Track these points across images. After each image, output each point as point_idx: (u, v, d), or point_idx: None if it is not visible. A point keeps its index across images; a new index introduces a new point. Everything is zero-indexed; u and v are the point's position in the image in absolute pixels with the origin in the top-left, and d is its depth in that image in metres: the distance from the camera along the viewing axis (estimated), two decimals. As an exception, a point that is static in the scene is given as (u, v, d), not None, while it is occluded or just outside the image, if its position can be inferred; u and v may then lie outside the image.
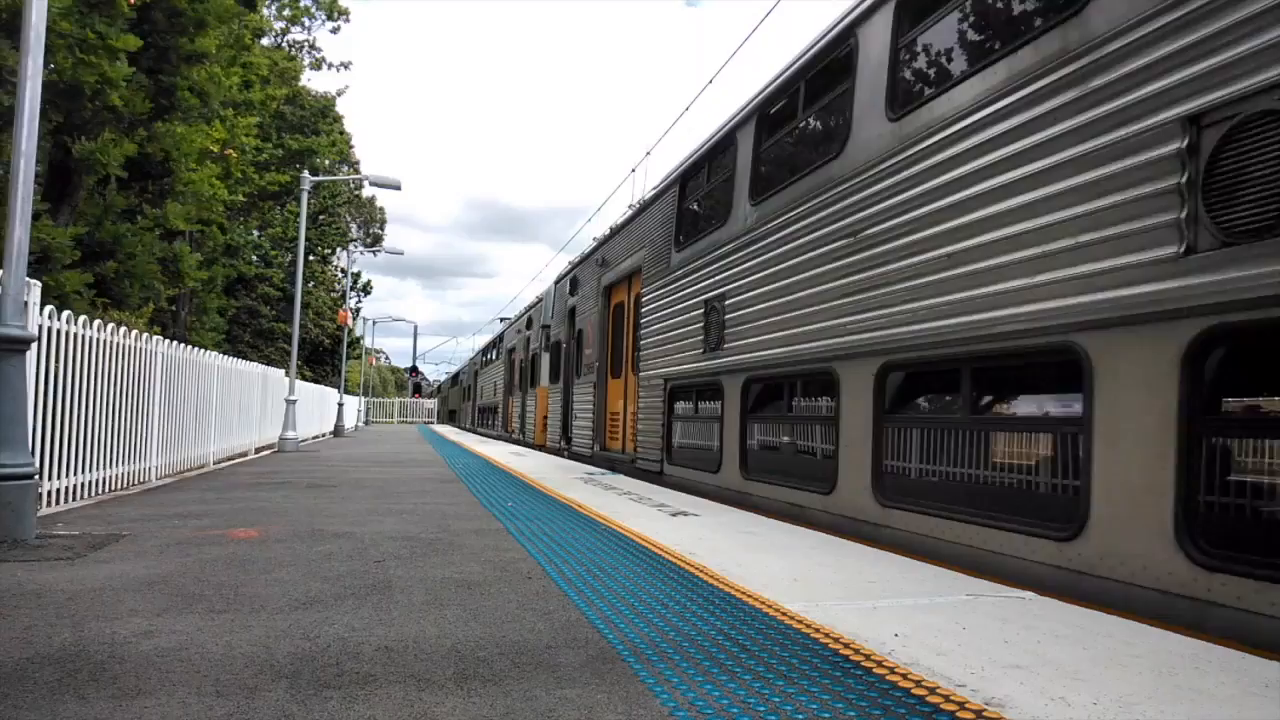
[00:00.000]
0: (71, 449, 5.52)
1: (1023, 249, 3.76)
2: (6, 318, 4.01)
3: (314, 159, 26.41)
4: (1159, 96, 3.18)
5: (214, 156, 15.57)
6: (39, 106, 4.25)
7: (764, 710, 1.89)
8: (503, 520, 5.06)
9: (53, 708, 1.83)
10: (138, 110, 11.32)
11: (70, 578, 3.16)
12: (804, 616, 2.74)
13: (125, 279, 12.33)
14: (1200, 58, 3.03)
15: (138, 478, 6.92)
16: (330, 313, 35.39)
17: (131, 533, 4.31)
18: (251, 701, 1.89)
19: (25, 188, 4.15)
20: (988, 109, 4.07)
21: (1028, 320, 3.69)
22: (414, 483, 7.66)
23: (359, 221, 43.03)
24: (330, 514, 5.24)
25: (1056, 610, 2.89)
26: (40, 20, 4.25)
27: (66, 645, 2.29)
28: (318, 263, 36.24)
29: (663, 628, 2.59)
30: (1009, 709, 1.90)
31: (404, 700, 1.93)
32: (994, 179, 3.97)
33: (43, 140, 7.56)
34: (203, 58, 12.90)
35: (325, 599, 2.89)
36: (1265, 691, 2.06)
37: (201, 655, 2.22)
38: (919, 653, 2.34)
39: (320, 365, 37.09)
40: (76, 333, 5.54)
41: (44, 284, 5.14)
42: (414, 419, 50.35)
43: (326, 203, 34.50)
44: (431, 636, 2.46)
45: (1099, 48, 3.45)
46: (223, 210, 17.66)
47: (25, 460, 4.06)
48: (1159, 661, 2.29)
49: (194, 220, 15.06)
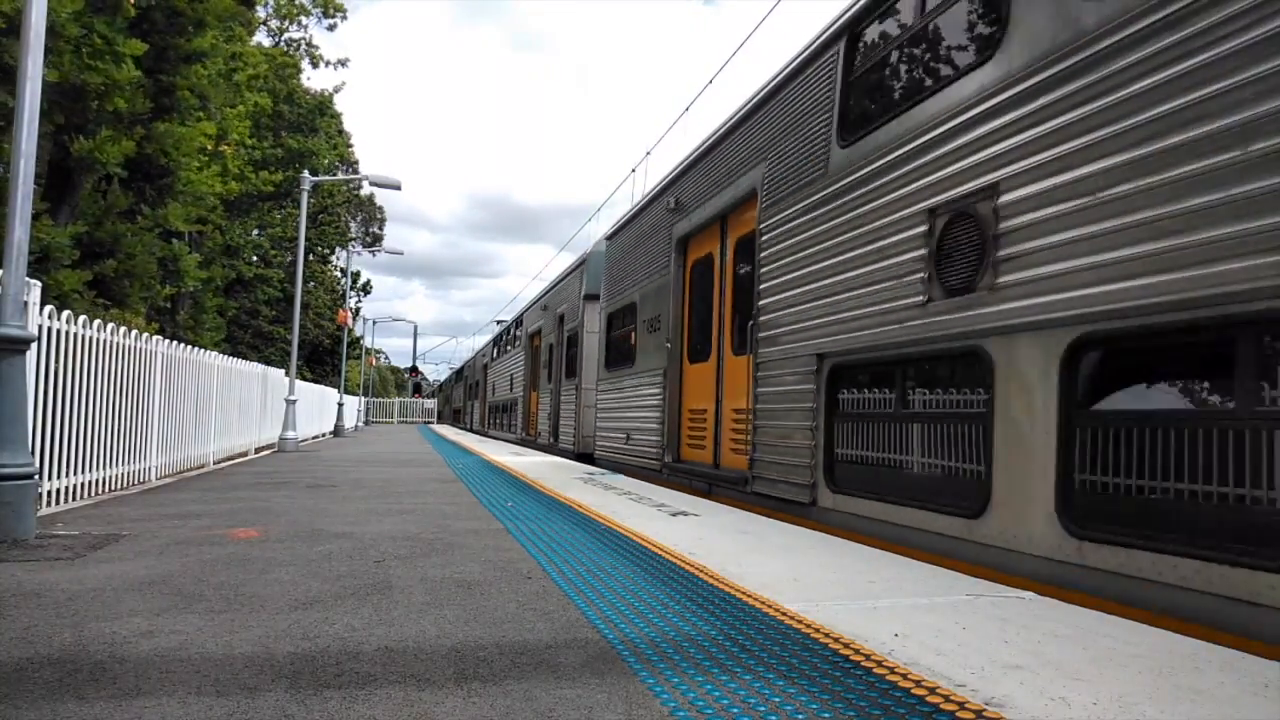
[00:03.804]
0: (71, 449, 5.51)
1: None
2: (6, 318, 4.01)
3: (313, 160, 26.42)
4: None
5: (209, 153, 15.57)
6: (39, 106, 4.26)
7: (764, 710, 1.89)
8: (502, 520, 5.06)
9: (53, 708, 1.83)
10: (137, 110, 11.32)
11: (70, 578, 3.16)
12: (804, 616, 2.74)
13: (125, 278, 12.33)
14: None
15: (137, 478, 6.92)
16: (330, 313, 35.39)
17: (131, 533, 4.31)
18: (251, 701, 1.89)
19: (25, 187, 4.14)
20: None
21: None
22: (414, 483, 7.66)
23: (358, 221, 43.02)
24: (330, 514, 5.24)
25: (1056, 610, 2.89)
26: (40, 20, 4.25)
27: (66, 645, 2.29)
28: (317, 263, 36.25)
29: (663, 627, 2.59)
30: (1009, 709, 1.91)
31: (404, 700, 1.93)
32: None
33: (43, 140, 7.56)
34: (202, 57, 12.90)
35: (325, 599, 2.89)
36: (1265, 691, 2.06)
37: (201, 655, 2.22)
38: (919, 652, 2.34)
39: (320, 365, 37.11)
40: (76, 332, 5.53)
41: (44, 283, 5.14)
42: (414, 419, 50.34)
43: (326, 202, 34.51)
44: (431, 636, 2.46)
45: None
46: (220, 209, 17.66)
47: (25, 460, 4.06)
48: (1159, 661, 2.29)
49: (193, 220, 15.06)
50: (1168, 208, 3.14)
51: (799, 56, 6.36)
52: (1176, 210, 3.11)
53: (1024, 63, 3.91)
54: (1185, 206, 3.08)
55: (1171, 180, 3.13)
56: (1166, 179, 3.15)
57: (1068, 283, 3.56)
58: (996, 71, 4.10)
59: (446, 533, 4.51)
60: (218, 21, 13.13)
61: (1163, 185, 3.16)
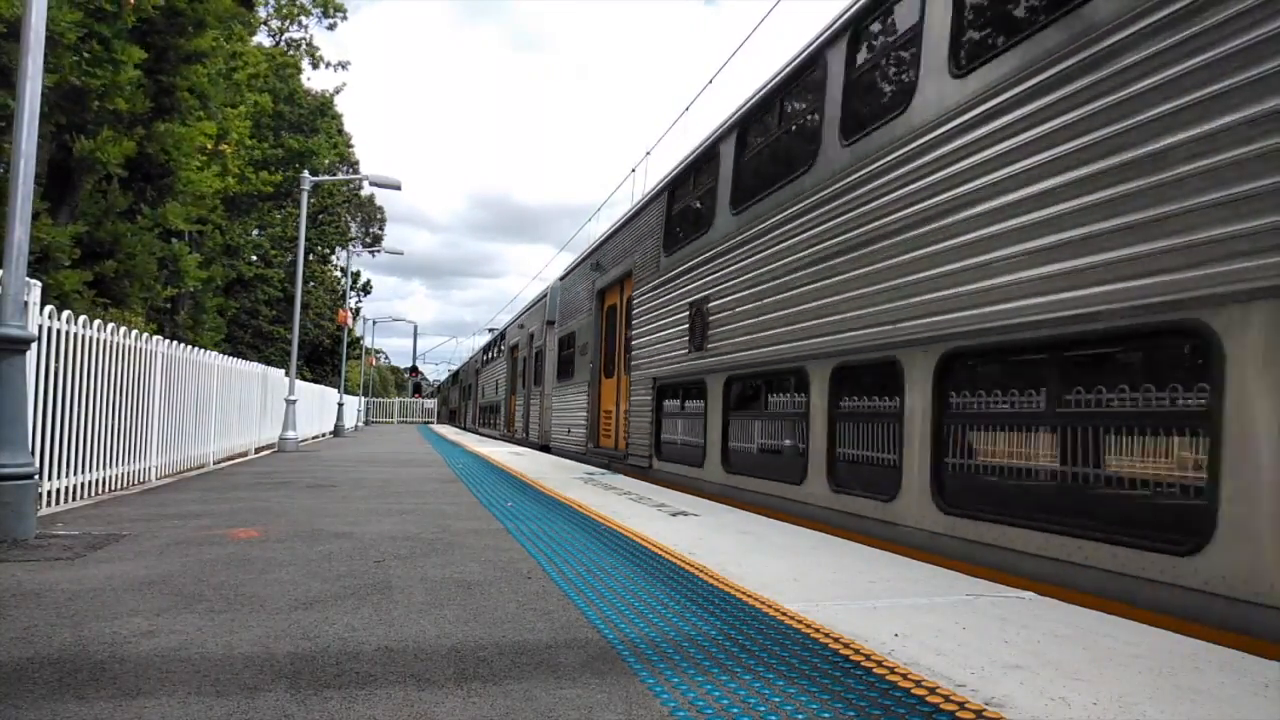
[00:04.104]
0: (71, 449, 5.51)
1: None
2: (6, 318, 4.01)
3: (314, 159, 26.43)
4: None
5: (209, 153, 15.57)
6: (39, 106, 4.26)
7: (764, 710, 1.90)
8: (502, 520, 5.06)
9: (53, 708, 1.84)
10: (137, 110, 11.32)
11: (70, 578, 3.16)
12: (804, 616, 2.74)
13: (125, 278, 12.33)
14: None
15: (137, 478, 6.92)
16: (330, 313, 35.39)
17: (131, 533, 4.31)
18: (251, 701, 1.89)
19: (25, 187, 4.15)
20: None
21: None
22: (414, 483, 7.66)
23: (358, 221, 43.02)
24: (330, 514, 5.25)
25: (1056, 610, 2.90)
26: (40, 20, 4.25)
27: (66, 645, 2.29)
28: (317, 263, 36.26)
29: (663, 627, 2.59)
30: (1009, 709, 1.91)
31: (404, 700, 1.93)
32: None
33: (43, 140, 7.55)
34: (202, 57, 12.90)
35: (325, 599, 2.90)
36: (1265, 691, 2.06)
37: (201, 655, 2.22)
38: (919, 653, 2.34)
39: (320, 365, 37.11)
40: (76, 332, 5.53)
41: (44, 283, 5.14)
42: (414, 419, 50.34)
43: (326, 202, 34.52)
44: (431, 636, 2.46)
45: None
46: (220, 209, 17.66)
47: (25, 460, 4.06)
48: (1159, 661, 2.29)
49: (193, 220, 15.07)
50: (769, 317, 6.42)
51: (650, 192, 10.11)
52: (766, 321, 6.47)
53: (722, 235, 7.54)
54: (771, 319, 6.43)
55: (764, 310, 6.55)
56: (769, 303, 6.50)
57: (729, 347, 7.16)
58: (712, 235, 7.79)
59: (446, 533, 4.52)
60: (218, 22, 13.14)
61: (767, 309, 6.49)
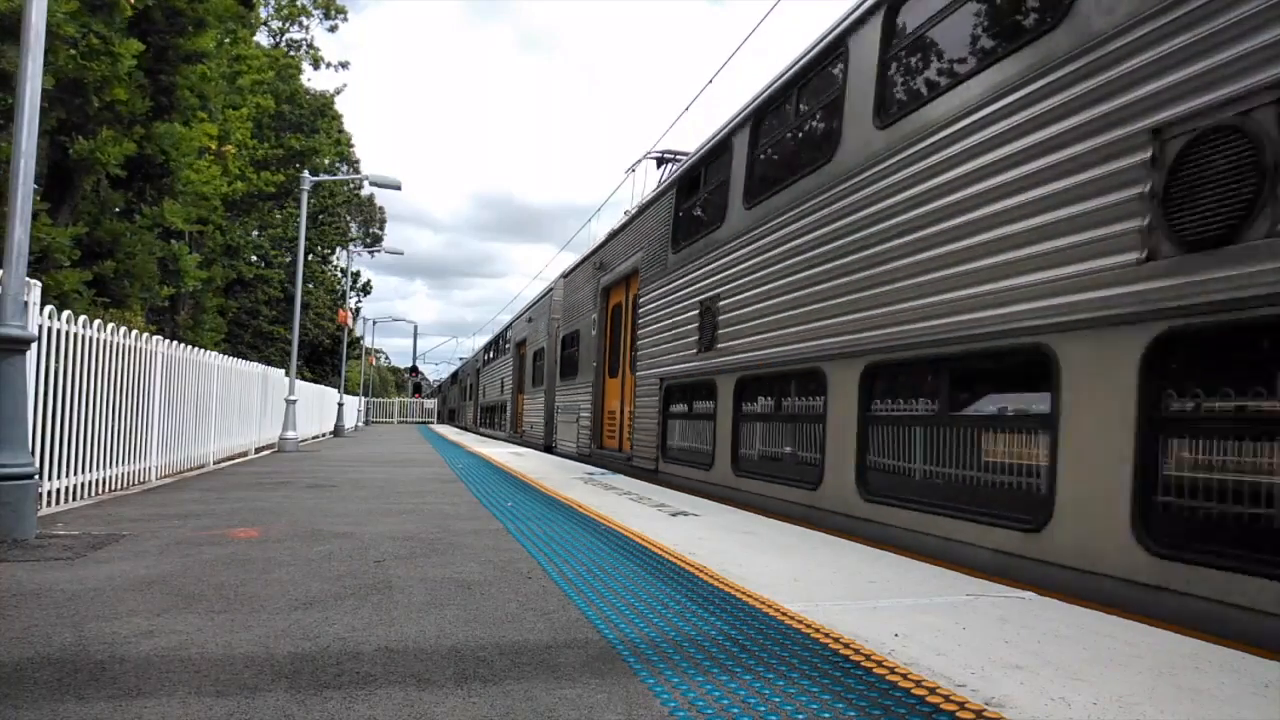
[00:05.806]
0: (71, 449, 5.51)
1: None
2: (6, 318, 4.01)
3: (314, 159, 26.43)
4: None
5: (211, 153, 15.57)
6: (39, 106, 4.26)
7: (764, 710, 1.89)
8: (502, 520, 5.06)
9: (53, 708, 1.83)
10: (136, 109, 11.32)
11: (70, 578, 3.16)
12: (804, 616, 2.74)
13: (125, 278, 12.33)
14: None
15: (137, 478, 6.92)
16: (330, 313, 35.37)
17: (131, 533, 4.30)
18: (251, 701, 1.89)
19: (25, 187, 4.14)
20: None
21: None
22: (414, 483, 7.66)
23: (359, 221, 43.02)
24: (330, 514, 5.24)
25: (1056, 610, 2.90)
26: (40, 20, 4.25)
27: (66, 645, 2.29)
28: (318, 263, 36.25)
29: (663, 628, 2.59)
30: (1009, 709, 1.90)
31: (404, 700, 1.93)
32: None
33: (42, 140, 7.55)
34: (202, 57, 12.90)
35: (325, 599, 2.89)
36: (1265, 691, 2.06)
37: (201, 655, 2.22)
38: (919, 653, 2.34)
39: (320, 365, 37.09)
40: (76, 332, 5.53)
41: (44, 283, 5.13)
42: (414, 419, 50.34)
43: (326, 202, 34.51)
44: (431, 636, 2.46)
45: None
46: (221, 209, 17.66)
47: (25, 460, 4.06)
48: (1159, 661, 2.29)
49: (192, 220, 15.06)
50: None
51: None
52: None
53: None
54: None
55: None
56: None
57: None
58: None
59: (447, 532, 4.51)
60: (218, 21, 13.13)
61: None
